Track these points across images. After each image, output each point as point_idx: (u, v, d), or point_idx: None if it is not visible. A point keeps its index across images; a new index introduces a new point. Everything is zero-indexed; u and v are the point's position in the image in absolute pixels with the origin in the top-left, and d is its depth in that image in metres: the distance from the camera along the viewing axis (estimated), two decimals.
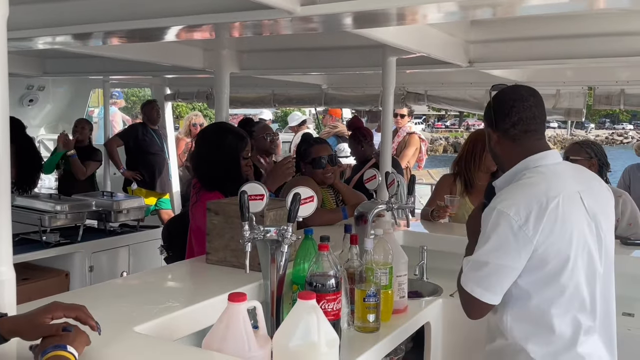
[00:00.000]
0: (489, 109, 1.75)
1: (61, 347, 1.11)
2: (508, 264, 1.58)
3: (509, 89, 1.75)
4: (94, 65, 4.99)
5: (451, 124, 41.09)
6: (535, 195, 1.58)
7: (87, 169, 5.31)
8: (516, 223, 1.55)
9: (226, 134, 2.69)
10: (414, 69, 3.76)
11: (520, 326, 1.65)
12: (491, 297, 1.61)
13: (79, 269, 3.75)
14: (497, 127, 1.70)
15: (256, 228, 1.70)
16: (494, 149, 1.77)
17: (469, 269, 1.65)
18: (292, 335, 1.35)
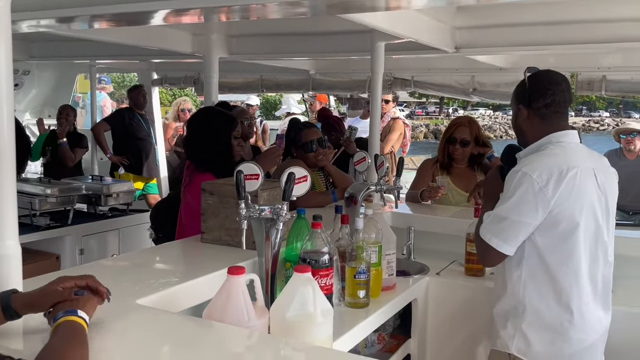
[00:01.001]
0: (522, 88, 1.92)
1: (72, 312, 1.15)
2: (525, 220, 1.77)
3: (545, 72, 1.93)
4: (81, 49, 4.97)
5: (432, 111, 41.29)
6: (556, 163, 1.79)
7: (75, 155, 5.30)
8: (537, 185, 1.75)
9: (215, 116, 2.77)
10: (402, 54, 3.81)
11: (531, 284, 1.84)
12: (506, 247, 1.81)
13: (70, 252, 3.78)
14: (531, 105, 1.89)
15: (251, 207, 1.75)
16: (521, 125, 1.95)
17: (490, 221, 1.85)
18: (289, 306, 1.41)
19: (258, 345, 1.35)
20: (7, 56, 1.32)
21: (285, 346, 1.33)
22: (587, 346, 1.85)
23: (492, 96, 5.05)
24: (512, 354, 1.86)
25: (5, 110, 1.33)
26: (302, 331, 1.41)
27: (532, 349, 1.84)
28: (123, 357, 1.22)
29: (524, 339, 1.84)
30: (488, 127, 34.26)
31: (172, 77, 6.26)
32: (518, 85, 1.96)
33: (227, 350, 1.33)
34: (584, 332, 1.83)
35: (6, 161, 1.32)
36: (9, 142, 1.33)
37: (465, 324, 2.41)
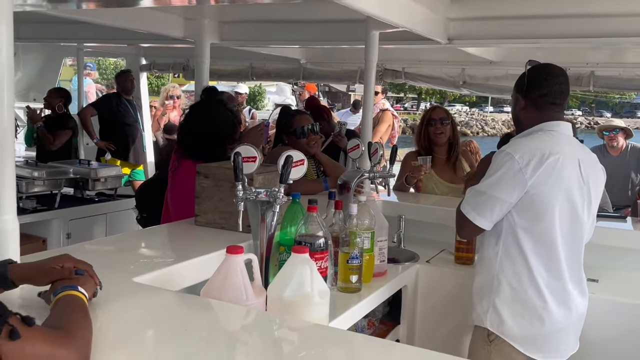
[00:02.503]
0: (522, 78, 1.98)
1: (72, 287, 1.15)
2: (502, 197, 1.86)
3: (544, 65, 2.00)
4: (69, 31, 4.90)
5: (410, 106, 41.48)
6: (540, 147, 1.87)
7: (56, 139, 5.24)
8: (518, 165, 1.84)
9: (221, 117, 2.72)
10: (394, 44, 3.81)
11: (506, 261, 1.91)
12: (482, 221, 1.91)
13: (56, 236, 3.75)
14: (527, 95, 1.96)
15: (248, 189, 1.75)
16: (519, 114, 2.02)
17: (470, 195, 1.95)
18: (287, 286, 1.42)
19: (257, 323, 1.35)
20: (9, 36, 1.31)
21: (283, 323, 1.34)
22: (560, 328, 1.93)
23: (481, 89, 5.09)
24: (491, 332, 1.94)
25: (6, 89, 1.32)
26: (299, 311, 1.42)
27: (504, 325, 1.92)
28: (122, 334, 1.22)
29: (497, 315, 1.92)
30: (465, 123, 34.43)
31: (160, 62, 6.20)
32: (519, 77, 2.02)
33: (226, 327, 1.34)
34: (556, 313, 1.90)
35: (5, 138, 1.32)
36: (8, 118, 1.33)
37: (454, 311, 2.44)
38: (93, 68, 8.94)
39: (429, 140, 3.43)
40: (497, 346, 1.94)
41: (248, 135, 2.90)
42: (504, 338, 1.92)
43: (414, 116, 36.29)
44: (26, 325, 0.91)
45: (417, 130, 3.53)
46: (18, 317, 0.91)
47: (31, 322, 0.92)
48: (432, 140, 3.42)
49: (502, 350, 1.93)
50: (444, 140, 3.41)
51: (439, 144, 3.42)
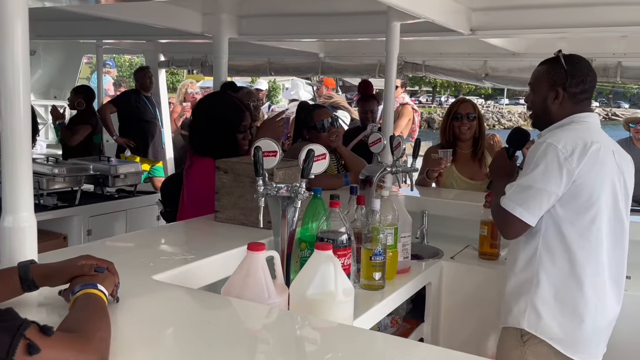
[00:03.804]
0: (559, 70, 1.91)
1: (91, 285, 1.12)
2: (550, 189, 1.80)
3: (579, 58, 1.96)
4: (88, 28, 4.91)
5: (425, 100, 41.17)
6: (580, 136, 1.83)
7: (74, 135, 5.26)
8: (562, 155, 1.79)
9: (225, 104, 2.61)
10: (415, 36, 3.74)
11: (547, 257, 1.85)
12: (530, 217, 1.82)
13: (77, 232, 3.75)
14: (568, 89, 1.90)
15: (269, 184, 1.71)
16: (550, 106, 1.95)
17: (513, 191, 1.86)
18: (310, 284, 1.38)
19: (279, 322, 1.31)
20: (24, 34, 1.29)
21: (306, 323, 1.30)
22: (601, 326, 1.86)
23: (504, 81, 4.98)
24: (523, 329, 1.86)
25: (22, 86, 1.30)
26: (323, 309, 1.37)
27: (542, 322, 1.85)
28: (142, 333, 1.19)
29: (535, 313, 1.85)
30: None
31: (178, 59, 6.19)
32: (550, 67, 1.95)
33: (247, 326, 1.30)
34: (596, 310, 1.84)
35: (22, 136, 1.30)
36: (25, 116, 1.30)
37: (479, 308, 2.38)
38: (112, 65, 9.00)
39: (453, 135, 3.34)
40: (533, 347, 1.86)
41: (266, 127, 2.83)
42: (542, 338, 1.84)
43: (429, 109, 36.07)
44: (44, 335, 0.88)
45: (442, 124, 3.43)
46: (35, 327, 0.87)
47: (49, 332, 0.89)
48: (456, 135, 3.33)
49: (538, 351, 1.85)
50: (468, 136, 3.32)
51: (464, 139, 3.32)
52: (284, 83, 17.24)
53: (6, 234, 1.30)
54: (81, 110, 5.43)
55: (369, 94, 4.94)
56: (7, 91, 1.29)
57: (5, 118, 1.29)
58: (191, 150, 2.59)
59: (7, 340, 0.83)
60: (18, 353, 0.83)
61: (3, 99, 1.30)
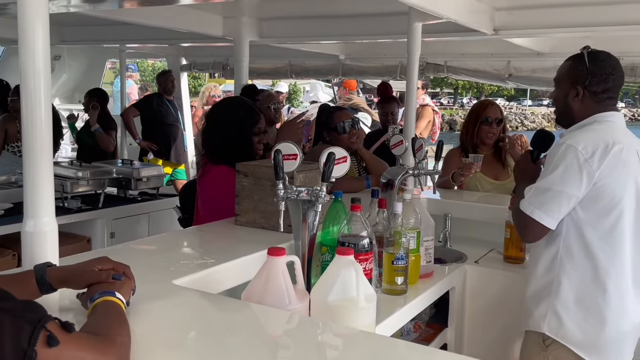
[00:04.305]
0: (582, 68, 1.86)
1: (109, 293, 1.12)
2: (569, 191, 1.75)
3: (606, 55, 1.90)
4: (111, 33, 4.97)
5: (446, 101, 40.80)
6: (602, 137, 1.78)
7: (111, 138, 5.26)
8: (582, 156, 1.74)
9: (237, 109, 2.58)
10: (437, 37, 3.69)
11: (567, 261, 1.80)
12: (549, 220, 1.78)
13: (100, 235, 3.78)
14: (589, 88, 1.85)
15: (289, 188, 1.69)
16: (571, 103, 1.90)
17: (532, 194, 1.82)
18: (331, 290, 1.36)
19: (299, 329, 1.29)
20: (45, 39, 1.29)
21: (327, 330, 1.27)
22: (624, 332, 1.81)
23: (529, 82, 4.90)
24: (548, 336, 1.83)
25: (43, 90, 1.31)
26: (344, 316, 1.35)
27: (564, 328, 1.81)
28: (162, 339, 1.18)
29: (556, 319, 1.81)
30: None
31: (200, 62, 6.24)
32: (574, 64, 1.90)
33: (267, 333, 1.28)
34: (619, 315, 1.79)
35: (44, 141, 1.30)
36: (46, 120, 1.31)
37: (504, 313, 2.33)
38: (135, 69, 9.10)
39: (478, 138, 3.24)
40: (555, 351, 1.83)
41: (286, 129, 2.81)
42: (563, 343, 1.80)
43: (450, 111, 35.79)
44: (65, 331, 0.88)
45: (466, 126, 3.33)
46: (57, 322, 0.88)
47: (70, 328, 0.89)
48: (481, 138, 3.25)
49: (560, 355, 1.82)
50: (493, 141, 3.26)
51: (488, 143, 3.27)
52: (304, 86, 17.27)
53: (28, 239, 1.30)
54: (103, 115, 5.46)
55: (389, 95, 4.91)
56: (28, 96, 1.30)
57: (26, 123, 1.30)
58: (205, 156, 2.57)
59: (29, 330, 0.84)
60: (38, 344, 0.84)
61: (24, 103, 1.31)
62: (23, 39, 1.28)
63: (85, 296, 1.17)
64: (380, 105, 4.77)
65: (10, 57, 6.79)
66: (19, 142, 4.65)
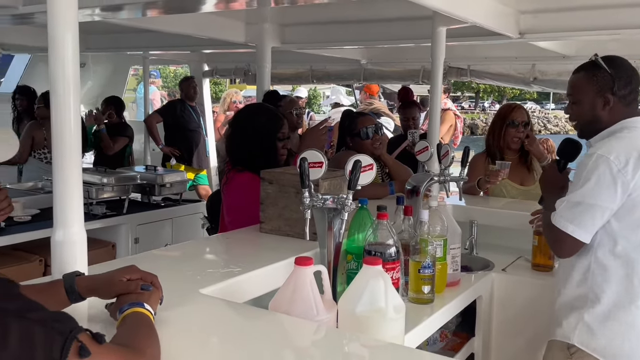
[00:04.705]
0: (603, 74, 1.81)
1: (139, 304, 1.12)
2: (603, 203, 1.69)
3: (618, 57, 1.85)
4: (135, 40, 5.03)
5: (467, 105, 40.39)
6: (634, 145, 1.72)
7: (115, 144, 5.37)
8: (615, 166, 1.68)
9: (261, 115, 2.59)
10: (460, 41, 3.65)
11: (600, 272, 1.75)
12: (582, 234, 1.72)
13: (125, 241, 3.81)
14: (617, 93, 1.80)
15: (315, 196, 1.68)
16: (600, 113, 1.83)
17: (564, 208, 1.76)
18: (359, 300, 1.34)
19: (327, 341, 1.28)
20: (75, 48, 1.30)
21: (355, 341, 1.25)
22: None
23: (554, 85, 4.82)
24: (573, 344, 1.77)
25: (72, 100, 1.31)
26: (373, 327, 1.33)
27: (595, 341, 1.75)
28: (190, 350, 1.17)
29: (587, 330, 1.76)
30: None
31: (222, 68, 6.27)
32: (591, 73, 1.83)
33: (295, 343, 1.27)
34: None
35: (73, 151, 1.31)
36: (75, 132, 1.32)
37: (532, 322, 2.28)
38: (157, 76, 9.21)
39: (504, 142, 3.20)
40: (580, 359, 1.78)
41: (310, 136, 2.81)
42: (595, 356, 1.75)
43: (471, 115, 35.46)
44: (96, 342, 0.88)
45: (492, 130, 3.29)
46: (88, 334, 0.88)
47: (101, 340, 0.90)
48: (507, 142, 3.21)
49: None
50: (519, 145, 3.22)
51: (513, 148, 3.22)
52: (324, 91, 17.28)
53: (57, 248, 1.31)
54: (119, 122, 5.53)
55: (410, 100, 4.87)
56: (58, 104, 1.31)
57: (56, 132, 1.30)
58: (230, 163, 2.57)
59: (61, 341, 0.84)
60: (70, 355, 0.84)
61: (54, 111, 1.32)
62: (53, 49, 1.29)
63: (114, 307, 1.17)
64: (401, 110, 4.74)
65: (37, 64, 6.91)
66: (45, 148, 4.73)
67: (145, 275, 1.23)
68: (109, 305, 1.21)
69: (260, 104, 3.26)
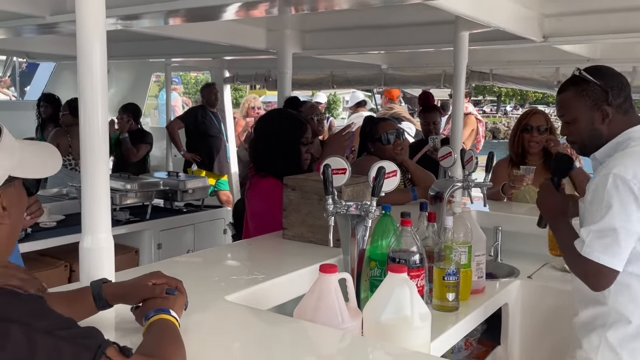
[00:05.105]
0: (594, 87, 1.71)
1: (164, 311, 1.12)
2: (631, 227, 1.59)
3: (607, 68, 1.76)
4: (157, 48, 5.09)
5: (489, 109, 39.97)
6: None
7: (138, 151, 5.42)
8: (636, 186, 1.58)
9: (284, 120, 2.60)
10: (483, 46, 3.62)
11: (625, 291, 1.66)
12: (617, 263, 1.61)
13: (148, 246, 3.85)
14: (613, 102, 1.70)
15: (338, 202, 1.68)
16: (600, 127, 1.74)
17: (593, 238, 1.63)
18: (384, 308, 1.33)
19: (352, 349, 1.27)
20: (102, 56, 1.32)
21: (381, 350, 1.24)
22: None
23: None
24: None
25: (100, 109, 1.33)
26: (398, 335, 1.32)
27: None
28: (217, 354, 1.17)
29: (610, 351, 1.68)
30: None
31: (243, 74, 6.30)
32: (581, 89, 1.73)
33: (320, 351, 1.26)
34: None
35: (101, 159, 1.32)
36: (103, 139, 1.33)
37: (559, 330, 2.23)
38: (179, 82, 9.30)
39: (522, 147, 3.20)
40: None
41: (333, 142, 2.81)
42: None
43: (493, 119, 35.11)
44: (124, 356, 0.90)
45: (510, 135, 3.29)
46: (116, 347, 0.88)
47: (129, 353, 0.91)
48: (524, 148, 3.19)
49: None
50: (537, 150, 3.17)
51: (533, 152, 3.19)
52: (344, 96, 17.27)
53: (85, 255, 1.32)
54: (137, 129, 5.59)
55: (431, 105, 4.84)
56: (87, 112, 1.32)
57: (84, 140, 1.32)
58: (255, 169, 2.58)
59: (89, 357, 0.85)
60: None
61: (82, 119, 1.33)
62: (82, 58, 1.31)
63: (140, 312, 1.18)
64: (422, 115, 4.72)
65: (61, 72, 7.04)
66: (70, 155, 4.80)
67: (171, 280, 1.24)
68: (134, 309, 1.22)
69: (283, 110, 3.27)
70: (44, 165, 1.08)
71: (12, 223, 1.02)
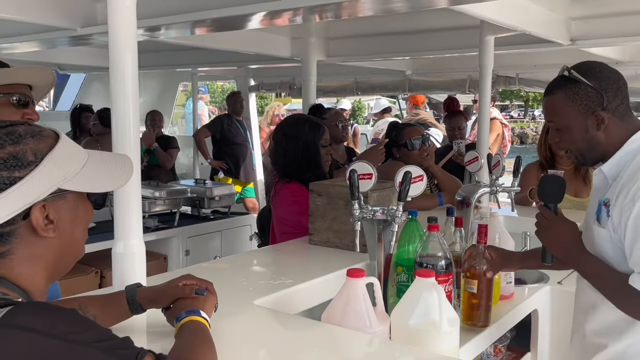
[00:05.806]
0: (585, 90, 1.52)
1: (195, 312, 1.14)
2: None
3: (601, 66, 1.58)
4: (184, 57, 5.18)
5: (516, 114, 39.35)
6: None
7: (171, 157, 5.52)
8: None
9: (302, 124, 2.62)
10: (509, 50, 3.60)
11: None
12: None
13: (176, 253, 3.91)
14: (609, 106, 1.52)
15: (364, 207, 1.68)
16: (596, 135, 1.56)
17: None
18: (412, 313, 1.33)
19: (381, 354, 1.27)
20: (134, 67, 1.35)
21: (409, 355, 1.24)
22: None
23: None
24: None
25: (132, 118, 1.36)
26: (426, 340, 1.32)
27: None
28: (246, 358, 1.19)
29: None
30: None
31: (268, 82, 6.37)
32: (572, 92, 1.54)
33: (348, 355, 1.26)
34: None
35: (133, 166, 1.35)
36: (135, 147, 1.36)
37: None
38: (205, 91, 9.43)
39: (550, 151, 3.16)
40: None
41: (368, 156, 2.83)
42: None
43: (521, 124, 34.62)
44: None
45: (539, 139, 3.26)
46: (152, 356, 0.90)
47: None
48: (553, 152, 3.15)
49: None
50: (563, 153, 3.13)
51: (562, 155, 3.15)
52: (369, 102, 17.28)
53: (118, 260, 1.36)
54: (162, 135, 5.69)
55: (456, 110, 4.81)
56: (119, 121, 1.36)
57: (117, 149, 1.36)
58: (278, 175, 2.60)
59: None
60: None
61: (115, 128, 1.37)
62: (114, 69, 1.34)
63: (171, 312, 1.20)
64: (447, 120, 4.70)
65: (92, 83, 7.20)
66: None
67: (201, 282, 1.26)
68: (165, 310, 1.25)
69: (299, 114, 3.29)
70: (109, 178, 0.98)
71: (62, 237, 0.92)
